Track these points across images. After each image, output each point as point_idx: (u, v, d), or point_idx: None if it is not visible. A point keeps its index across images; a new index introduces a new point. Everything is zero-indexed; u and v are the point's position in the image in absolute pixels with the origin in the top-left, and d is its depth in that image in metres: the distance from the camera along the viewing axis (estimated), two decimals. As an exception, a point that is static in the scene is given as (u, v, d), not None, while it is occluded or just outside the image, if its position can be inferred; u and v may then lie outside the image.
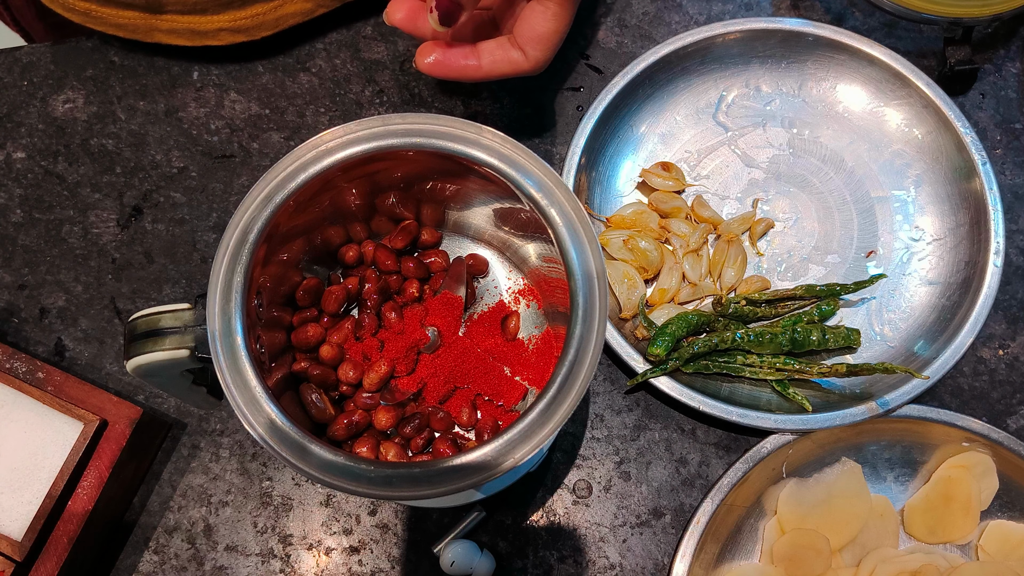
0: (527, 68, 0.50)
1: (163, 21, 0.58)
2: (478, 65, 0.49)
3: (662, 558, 0.54)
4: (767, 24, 0.59)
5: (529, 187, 0.41)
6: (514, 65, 0.49)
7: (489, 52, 0.49)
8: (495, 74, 0.50)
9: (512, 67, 0.49)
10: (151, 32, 0.59)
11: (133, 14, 0.57)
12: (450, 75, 0.49)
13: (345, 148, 0.41)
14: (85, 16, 0.58)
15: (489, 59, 0.49)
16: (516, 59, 0.49)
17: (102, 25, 0.58)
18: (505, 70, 0.50)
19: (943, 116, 0.58)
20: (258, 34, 0.59)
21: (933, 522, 0.53)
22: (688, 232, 0.57)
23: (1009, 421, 0.56)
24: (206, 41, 0.59)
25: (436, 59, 0.49)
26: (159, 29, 0.58)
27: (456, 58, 0.49)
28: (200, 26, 0.58)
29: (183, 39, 0.59)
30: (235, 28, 0.58)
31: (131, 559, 0.53)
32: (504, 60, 0.49)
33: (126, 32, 0.59)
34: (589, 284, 0.40)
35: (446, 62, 0.49)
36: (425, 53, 0.49)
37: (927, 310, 0.57)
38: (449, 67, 0.49)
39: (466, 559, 0.52)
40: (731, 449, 0.55)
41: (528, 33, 0.49)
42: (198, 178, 0.60)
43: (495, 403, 0.46)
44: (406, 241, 0.48)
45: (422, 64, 0.49)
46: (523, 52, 0.49)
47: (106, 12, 0.57)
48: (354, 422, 0.44)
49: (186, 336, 0.40)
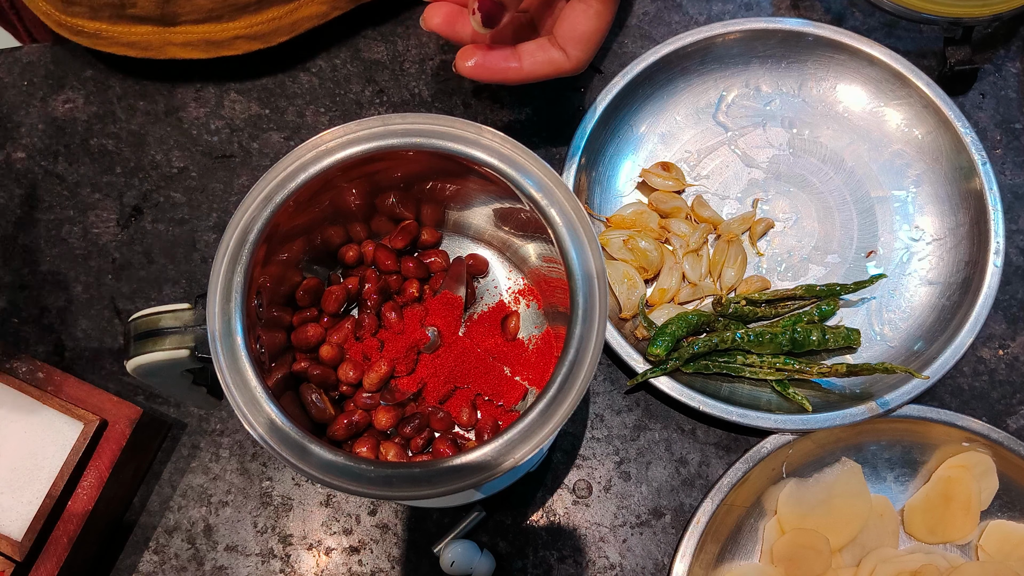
0: (569, 68, 0.49)
1: (177, 34, 0.57)
2: (519, 67, 0.48)
3: (662, 558, 0.54)
4: (767, 24, 0.59)
5: (529, 187, 0.41)
6: (555, 66, 0.49)
7: (530, 53, 0.49)
8: (536, 75, 0.49)
9: (553, 68, 0.49)
10: (164, 48, 0.58)
11: (146, 29, 0.57)
12: (491, 78, 0.49)
13: (345, 148, 0.41)
14: (94, 38, 0.57)
15: (530, 60, 0.48)
16: (557, 59, 0.49)
17: (113, 46, 0.58)
18: (546, 71, 0.49)
19: (943, 116, 0.58)
20: (274, 40, 0.59)
21: (933, 522, 0.53)
22: (688, 232, 0.57)
23: (1009, 421, 0.56)
24: (221, 52, 0.58)
25: (477, 62, 0.48)
26: (173, 43, 0.58)
27: (497, 60, 0.48)
28: (215, 35, 0.57)
29: (198, 51, 0.58)
30: (251, 35, 0.58)
31: (131, 559, 0.53)
32: (545, 61, 0.48)
33: (138, 51, 0.58)
34: (589, 284, 0.40)
35: (487, 65, 0.48)
36: (466, 56, 0.48)
37: (927, 310, 0.57)
38: (490, 70, 0.48)
39: (466, 559, 0.52)
40: (731, 449, 0.55)
41: (569, 33, 0.48)
42: (198, 178, 0.60)
43: (495, 403, 0.46)
44: (406, 241, 0.48)
45: (463, 68, 0.48)
46: (564, 52, 0.48)
47: (117, 31, 0.57)
48: (354, 422, 0.44)
49: (186, 336, 0.40)
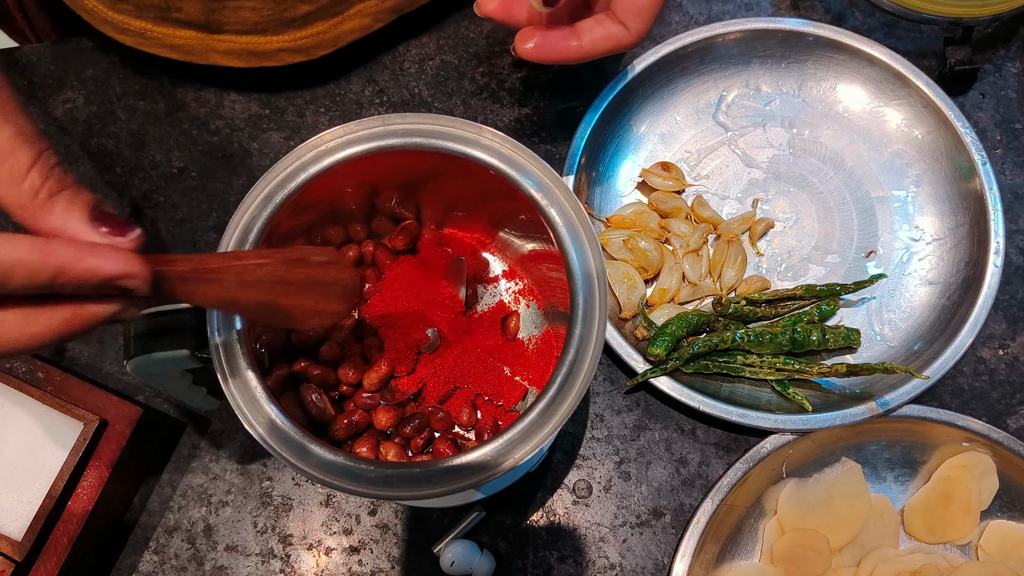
0: (629, 42, 0.48)
1: (221, 42, 0.57)
2: (579, 45, 0.48)
3: (662, 558, 0.54)
4: (767, 24, 0.59)
5: (529, 187, 0.41)
6: (616, 40, 0.48)
7: (589, 30, 0.48)
8: (597, 51, 0.48)
9: (614, 42, 0.48)
10: (207, 53, 0.58)
11: (190, 33, 0.56)
12: (552, 58, 0.48)
13: (345, 148, 0.41)
14: (140, 37, 0.57)
15: (590, 36, 0.48)
16: (618, 34, 0.48)
17: (157, 47, 0.58)
18: (607, 46, 0.48)
19: (943, 116, 0.58)
20: (317, 53, 0.59)
21: (933, 522, 0.53)
22: (688, 232, 0.57)
23: (1009, 421, 0.56)
24: (263, 63, 0.58)
25: (537, 43, 0.48)
26: (216, 50, 0.57)
27: (556, 40, 0.48)
28: (259, 47, 0.57)
29: (240, 60, 0.58)
30: (295, 48, 0.58)
31: (131, 559, 0.53)
32: (605, 36, 0.48)
33: (180, 54, 0.58)
34: (589, 284, 0.40)
35: (547, 45, 0.48)
36: (525, 38, 0.48)
37: (927, 310, 0.57)
38: (551, 49, 0.48)
39: (466, 559, 0.52)
40: (731, 449, 0.55)
41: (629, 6, 0.47)
42: (198, 178, 0.60)
43: (495, 403, 0.46)
44: (406, 241, 0.48)
45: (523, 50, 0.48)
46: (624, 25, 0.48)
47: (162, 32, 0.57)
48: (354, 422, 0.44)
49: (186, 336, 0.40)
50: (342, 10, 0.57)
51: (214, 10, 0.54)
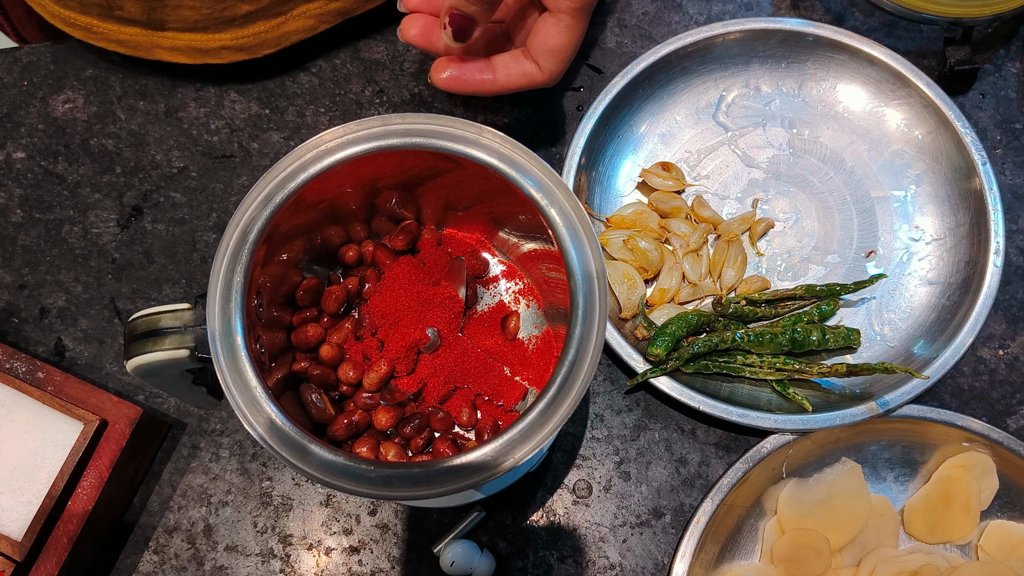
0: (541, 80, 0.50)
1: (165, 38, 0.57)
2: (493, 79, 0.49)
3: (662, 558, 0.54)
4: (767, 24, 0.59)
5: (529, 187, 0.41)
6: (529, 78, 0.50)
7: (504, 65, 0.49)
8: (510, 87, 0.50)
9: (527, 80, 0.50)
10: (152, 49, 0.58)
11: (135, 30, 0.57)
12: (465, 89, 0.50)
13: (345, 148, 0.41)
14: (86, 31, 0.58)
15: (504, 72, 0.49)
16: (530, 71, 0.49)
17: (103, 41, 0.58)
18: (520, 83, 0.50)
19: (943, 116, 0.58)
20: (260, 52, 0.59)
21: (933, 522, 0.53)
22: (688, 232, 0.57)
23: (1009, 421, 0.56)
24: (207, 59, 0.59)
25: (451, 74, 0.49)
26: (161, 46, 0.58)
27: (471, 72, 0.49)
28: (201, 44, 0.58)
29: (184, 56, 0.59)
30: (237, 46, 0.58)
31: (131, 559, 0.53)
32: (519, 73, 0.49)
33: (127, 48, 0.58)
34: (589, 284, 0.40)
35: (461, 77, 0.49)
36: (440, 69, 0.49)
37: (927, 310, 0.57)
38: (464, 82, 0.49)
39: (466, 559, 0.52)
40: (731, 449, 0.55)
41: (541, 45, 0.49)
42: (198, 178, 0.60)
43: (495, 403, 0.46)
44: (406, 241, 0.48)
45: (437, 80, 0.49)
46: (537, 64, 0.49)
47: (107, 28, 0.57)
48: (354, 422, 0.44)
49: (186, 336, 0.40)
50: (285, 11, 0.57)
51: (155, 8, 0.55)
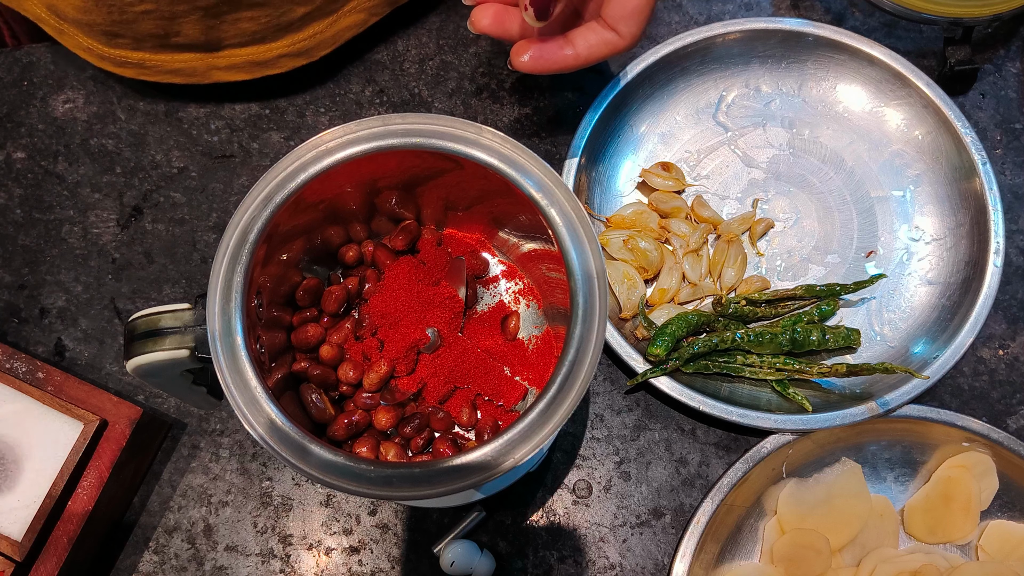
0: (623, 46, 0.49)
1: (221, 58, 0.57)
2: (575, 53, 0.49)
3: (662, 558, 0.54)
4: (767, 24, 0.59)
5: (529, 187, 0.41)
6: (610, 46, 0.49)
7: (583, 38, 0.49)
8: (593, 58, 0.49)
9: (609, 48, 0.49)
10: (209, 72, 0.58)
11: (190, 56, 0.56)
12: (548, 68, 0.49)
13: (345, 148, 0.41)
14: (139, 68, 0.57)
15: (584, 44, 0.49)
16: (611, 39, 0.49)
17: (157, 74, 0.58)
18: (602, 52, 0.49)
19: (943, 116, 0.58)
20: (317, 54, 0.59)
21: (933, 522, 0.53)
22: (688, 232, 0.57)
23: (1009, 421, 0.56)
24: (266, 71, 0.58)
25: (532, 55, 0.48)
26: (217, 67, 0.58)
27: (552, 51, 0.49)
28: (260, 56, 0.57)
29: (243, 73, 0.58)
30: (295, 52, 0.58)
31: (131, 559, 0.53)
32: (599, 43, 0.49)
33: (182, 77, 0.58)
34: (589, 284, 0.40)
35: (543, 56, 0.48)
36: (520, 52, 0.49)
37: (927, 310, 0.57)
38: (547, 60, 0.49)
39: (466, 559, 0.52)
40: (731, 449, 0.55)
41: (619, 11, 0.48)
42: (198, 178, 0.60)
43: (495, 403, 0.46)
44: (406, 241, 0.48)
45: (519, 63, 0.49)
46: (615, 31, 0.48)
47: (161, 59, 0.57)
48: (354, 422, 0.44)
49: (186, 336, 0.40)
50: (337, 8, 0.57)
51: (213, 27, 0.54)
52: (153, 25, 0.53)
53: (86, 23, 0.55)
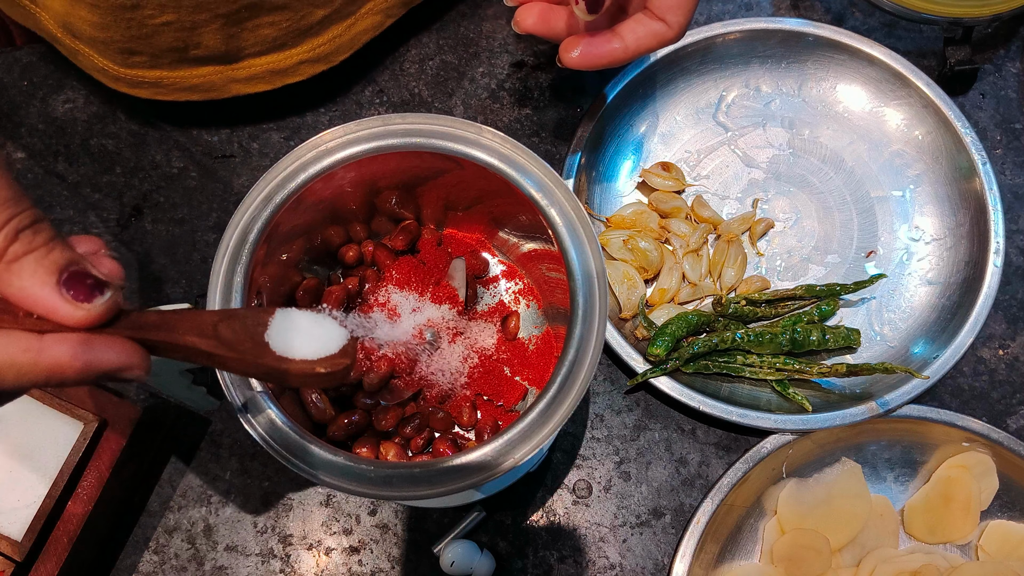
0: (671, 36, 0.49)
1: (240, 70, 0.56)
2: (624, 47, 0.48)
3: (662, 558, 0.54)
4: (767, 24, 0.59)
5: (529, 187, 0.41)
6: (659, 37, 0.49)
7: (631, 31, 0.48)
8: (642, 50, 0.49)
9: (657, 39, 0.49)
10: (228, 86, 0.57)
11: (209, 69, 0.55)
12: (598, 63, 0.49)
13: (345, 148, 0.41)
14: (155, 88, 0.56)
15: (632, 37, 0.48)
16: (659, 30, 0.48)
17: (174, 92, 0.57)
18: (651, 43, 0.49)
19: (943, 116, 0.58)
20: (336, 58, 0.58)
21: (933, 522, 0.53)
22: (688, 232, 0.57)
23: (1009, 421, 0.56)
24: (286, 79, 0.58)
25: (582, 51, 0.48)
26: (236, 80, 0.57)
27: (600, 45, 0.48)
28: (279, 64, 0.56)
29: (263, 83, 0.57)
30: (315, 57, 0.57)
31: (131, 559, 0.53)
32: (648, 34, 0.48)
33: (200, 94, 0.57)
34: (589, 284, 0.40)
35: (592, 51, 0.48)
36: (570, 48, 0.48)
37: (927, 310, 0.57)
38: (596, 55, 0.48)
39: (466, 559, 0.52)
40: (731, 449, 0.55)
41: (666, 2, 0.48)
42: (198, 178, 0.60)
43: (495, 403, 0.46)
44: (406, 241, 0.48)
45: (569, 59, 0.48)
46: (664, 22, 0.48)
47: (180, 75, 0.55)
48: (354, 422, 0.44)
49: (186, 336, 0.40)
50: (354, 10, 0.57)
51: (234, 35, 0.53)
52: (172, 38, 0.52)
53: (102, 41, 0.53)
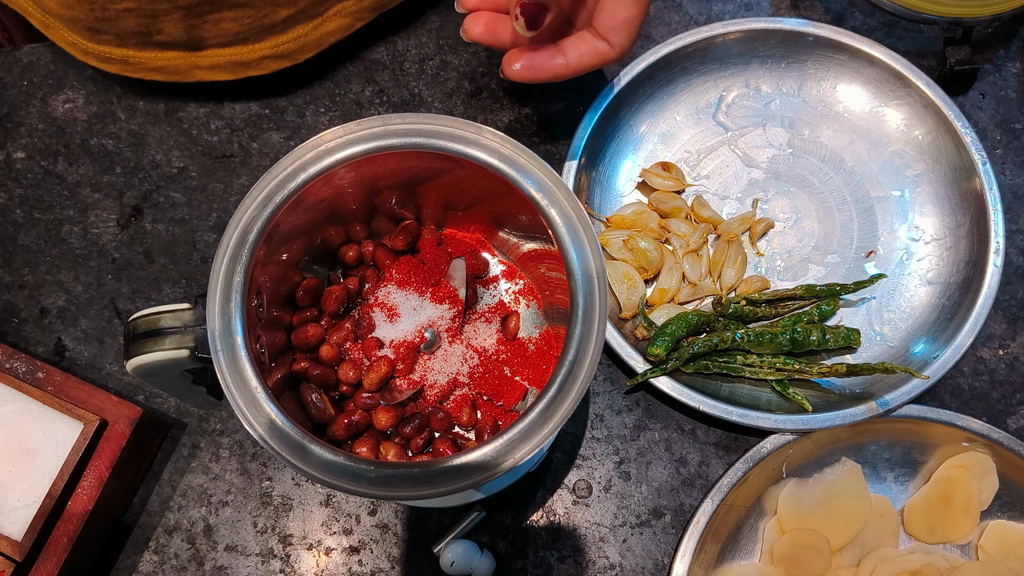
0: (613, 56, 0.49)
1: (204, 57, 0.57)
2: (566, 63, 0.49)
3: (662, 558, 0.54)
4: (767, 24, 0.59)
5: (529, 187, 0.41)
6: (601, 56, 0.49)
7: (574, 48, 0.49)
8: (584, 68, 0.49)
9: (599, 58, 0.49)
10: (191, 71, 0.58)
11: (173, 54, 0.56)
12: (540, 77, 0.49)
13: (345, 148, 0.41)
14: (123, 64, 0.57)
15: (575, 54, 0.49)
16: (602, 49, 0.49)
17: (140, 71, 0.58)
18: (593, 62, 0.49)
19: (943, 116, 0.58)
20: (301, 57, 0.59)
21: (933, 522, 0.53)
22: (688, 232, 0.57)
23: (1009, 421, 0.56)
24: (249, 72, 0.58)
25: (524, 64, 0.49)
26: (200, 67, 0.57)
27: (543, 60, 0.49)
28: (242, 57, 0.57)
29: (225, 73, 0.58)
30: (278, 54, 0.58)
31: (131, 559, 0.53)
32: (590, 52, 0.49)
33: (165, 75, 0.58)
34: (589, 284, 0.40)
35: (534, 66, 0.49)
36: (512, 60, 0.49)
37: (927, 310, 0.57)
38: (538, 70, 0.49)
39: (466, 559, 0.52)
40: (731, 449, 0.55)
41: (610, 22, 0.48)
42: (198, 178, 0.60)
43: (495, 403, 0.46)
44: (406, 241, 0.48)
45: (511, 72, 0.49)
46: (607, 41, 0.49)
47: (145, 56, 0.57)
48: (354, 422, 0.44)
49: (186, 336, 0.40)
50: (321, 11, 0.57)
51: (195, 26, 0.54)
52: (135, 23, 0.54)
53: (69, 18, 0.55)
